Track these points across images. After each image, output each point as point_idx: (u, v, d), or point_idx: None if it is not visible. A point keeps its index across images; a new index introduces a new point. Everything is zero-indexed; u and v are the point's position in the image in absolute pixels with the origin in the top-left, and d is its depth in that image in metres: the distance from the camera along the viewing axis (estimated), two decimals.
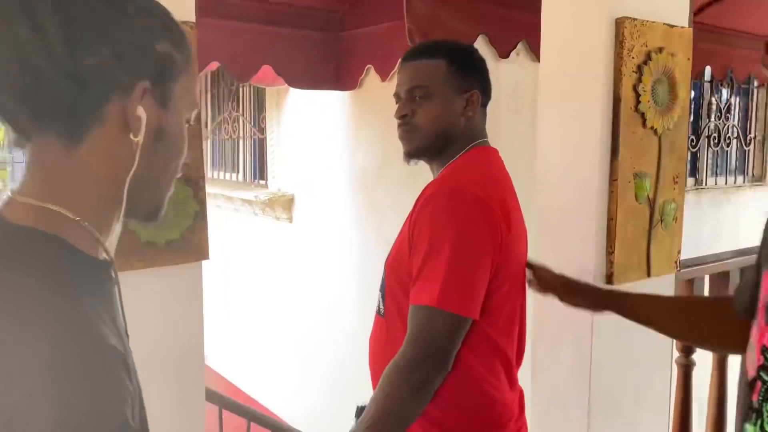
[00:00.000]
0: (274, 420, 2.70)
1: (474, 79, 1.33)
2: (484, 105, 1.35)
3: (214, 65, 2.98)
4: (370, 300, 4.00)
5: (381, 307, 1.32)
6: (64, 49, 0.57)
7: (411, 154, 1.33)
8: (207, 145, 5.37)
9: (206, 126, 5.32)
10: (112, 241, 0.66)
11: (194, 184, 1.91)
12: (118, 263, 0.62)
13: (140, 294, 1.86)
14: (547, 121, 1.71)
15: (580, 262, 1.60)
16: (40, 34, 0.56)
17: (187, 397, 1.94)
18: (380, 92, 3.28)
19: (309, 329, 4.16)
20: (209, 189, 4.82)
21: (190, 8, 1.84)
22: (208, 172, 5.34)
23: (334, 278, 3.91)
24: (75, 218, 0.60)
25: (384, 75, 3.04)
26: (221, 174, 5.22)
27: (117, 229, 0.66)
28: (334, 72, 3.31)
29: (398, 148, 1.35)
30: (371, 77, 3.21)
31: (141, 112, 0.61)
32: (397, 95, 1.35)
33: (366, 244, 3.63)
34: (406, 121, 1.31)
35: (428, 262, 1.15)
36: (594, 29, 1.57)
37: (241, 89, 4.81)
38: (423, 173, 1.36)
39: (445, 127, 1.29)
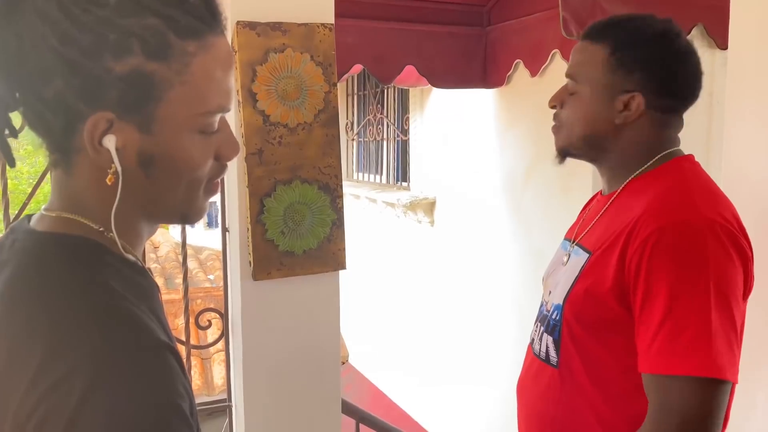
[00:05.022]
0: None
1: (641, 77, 1.04)
2: (669, 110, 1.08)
3: (358, 68, 2.94)
4: (512, 309, 3.75)
5: (551, 353, 1.09)
6: (29, 80, 0.56)
7: (558, 152, 1.16)
8: (353, 147, 5.44)
9: (352, 128, 5.39)
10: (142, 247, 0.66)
11: (332, 191, 1.86)
12: (256, 272, 0.58)
13: (278, 303, 1.86)
14: (739, 120, 1.42)
15: None
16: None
17: (323, 406, 1.90)
18: (530, 89, 3.06)
19: (447, 335, 4.04)
20: (355, 191, 4.92)
21: (329, 11, 1.79)
22: (354, 174, 5.41)
23: (475, 285, 3.74)
24: (98, 228, 0.61)
25: (534, 70, 2.82)
26: (366, 176, 5.26)
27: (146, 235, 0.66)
28: (480, 69, 3.14)
29: (549, 149, 1.17)
30: (520, 72, 3.00)
31: (109, 142, 0.57)
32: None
33: (510, 252, 3.42)
34: (555, 113, 1.15)
35: (683, 315, 0.91)
36: None
37: (385, 90, 4.80)
38: (575, 177, 1.12)
39: (591, 133, 1.09)
